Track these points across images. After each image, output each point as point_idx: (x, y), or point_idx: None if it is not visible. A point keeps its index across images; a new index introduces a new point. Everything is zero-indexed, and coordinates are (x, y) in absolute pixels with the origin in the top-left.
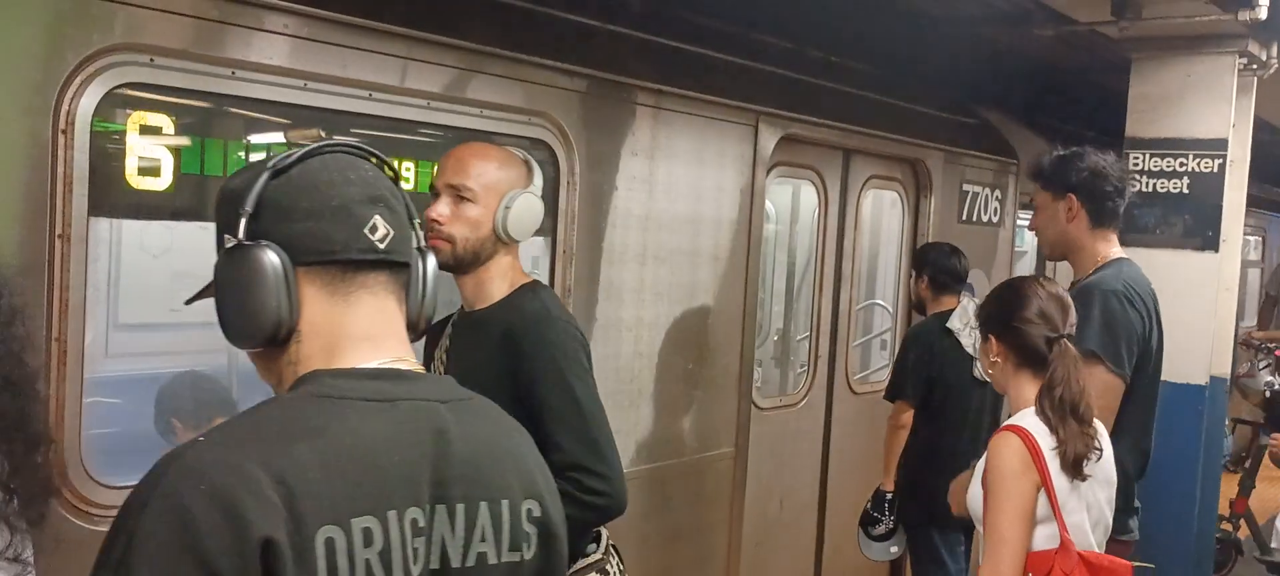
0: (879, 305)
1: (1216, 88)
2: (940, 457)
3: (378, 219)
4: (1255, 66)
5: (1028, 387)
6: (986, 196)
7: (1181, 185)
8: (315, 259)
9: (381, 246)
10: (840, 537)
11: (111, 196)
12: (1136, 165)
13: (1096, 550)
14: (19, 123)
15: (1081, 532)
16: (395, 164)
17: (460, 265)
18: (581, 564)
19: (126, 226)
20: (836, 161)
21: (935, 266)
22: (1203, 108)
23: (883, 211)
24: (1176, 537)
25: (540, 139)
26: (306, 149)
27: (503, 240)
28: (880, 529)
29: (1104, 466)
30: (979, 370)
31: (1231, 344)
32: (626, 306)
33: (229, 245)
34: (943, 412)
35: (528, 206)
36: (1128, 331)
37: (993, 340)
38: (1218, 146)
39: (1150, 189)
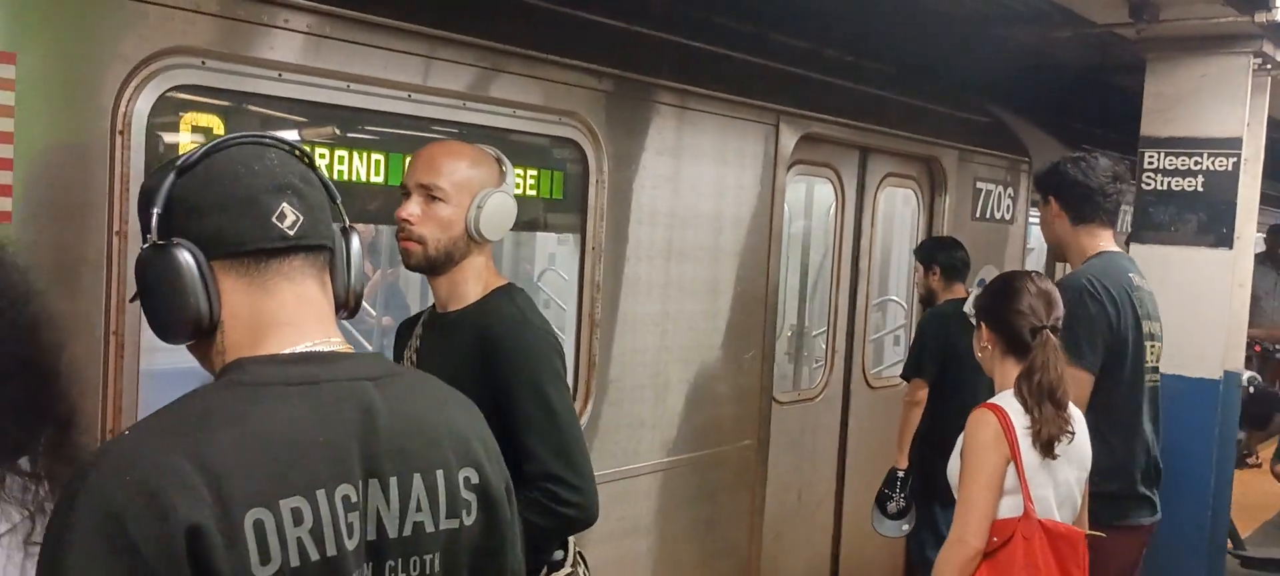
0: (893, 301)
1: (1231, 87)
2: (948, 437)
3: (285, 206)
4: (1270, 66)
5: (1011, 372)
6: (999, 194)
7: (1196, 183)
8: (227, 252)
9: (291, 233)
10: (858, 530)
11: None
12: (1151, 164)
13: (1061, 516)
14: (80, 124)
15: (1046, 505)
16: (309, 149)
17: (432, 266)
18: (546, 574)
19: None
20: (853, 160)
21: (949, 256)
22: (1217, 107)
23: (896, 209)
24: (1191, 530)
25: (570, 138)
26: (212, 144)
27: (475, 240)
28: (892, 506)
29: (1076, 449)
30: None
31: (1245, 340)
32: (652, 301)
33: (144, 246)
34: (956, 394)
35: (500, 205)
36: (1087, 324)
37: (984, 328)
38: (1232, 145)
39: (1165, 187)
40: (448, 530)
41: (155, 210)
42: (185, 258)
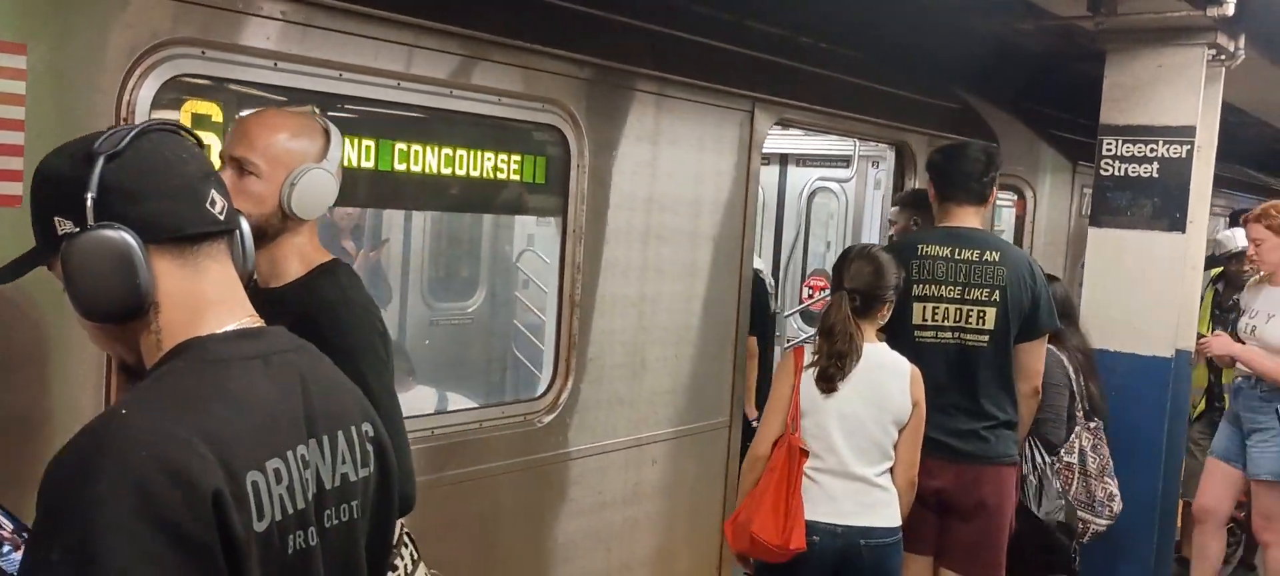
0: None
1: (1186, 78)
2: None
3: (214, 193)
4: (1224, 57)
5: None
6: None
7: (1152, 170)
8: (168, 236)
9: (221, 218)
10: None
11: None
12: (1109, 150)
13: (842, 447)
14: (87, 112)
15: (822, 430)
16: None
17: None
18: None
19: None
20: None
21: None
22: (1173, 96)
23: (867, 191)
24: (1142, 504)
25: (552, 124)
26: (131, 130)
27: (290, 217)
28: None
29: (870, 391)
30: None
31: (1196, 320)
32: (631, 283)
33: (71, 230)
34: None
35: (315, 183)
36: None
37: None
38: (1186, 133)
39: (1122, 173)
40: (362, 478)
41: (90, 194)
42: (127, 240)
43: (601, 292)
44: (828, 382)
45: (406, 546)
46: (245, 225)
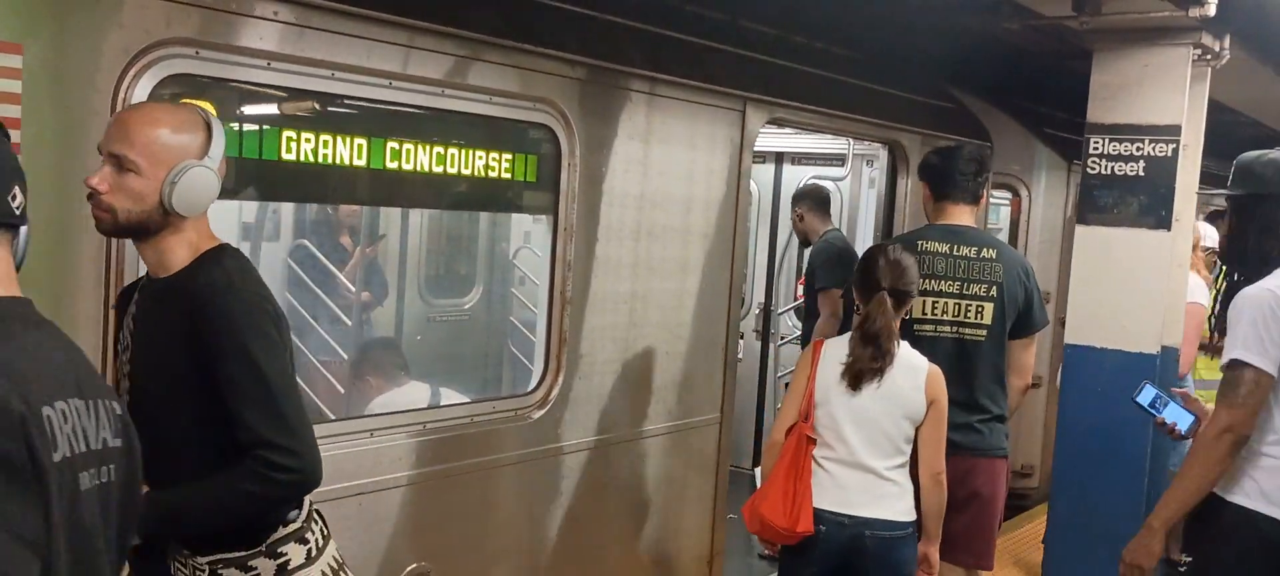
0: None
1: (1171, 77)
2: None
3: (17, 188)
4: (1209, 57)
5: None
6: None
7: (1138, 168)
8: None
9: (18, 213)
10: None
11: None
12: (1096, 149)
13: (852, 438)
14: (82, 111)
15: (834, 421)
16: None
17: (126, 234)
18: (282, 532)
19: None
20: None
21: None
22: (1158, 96)
23: (861, 189)
24: (1127, 499)
25: (544, 123)
26: None
27: (172, 214)
28: None
29: (887, 391)
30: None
31: (1182, 317)
32: (622, 281)
33: None
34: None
35: (196, 181)
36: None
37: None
38: (1172, 132)
39: (1109, 172)
40: (116, 448)
41: None
42: None
43: (593, 289)
44: (858, 382)
45: (316, 523)
46: (25, 231)
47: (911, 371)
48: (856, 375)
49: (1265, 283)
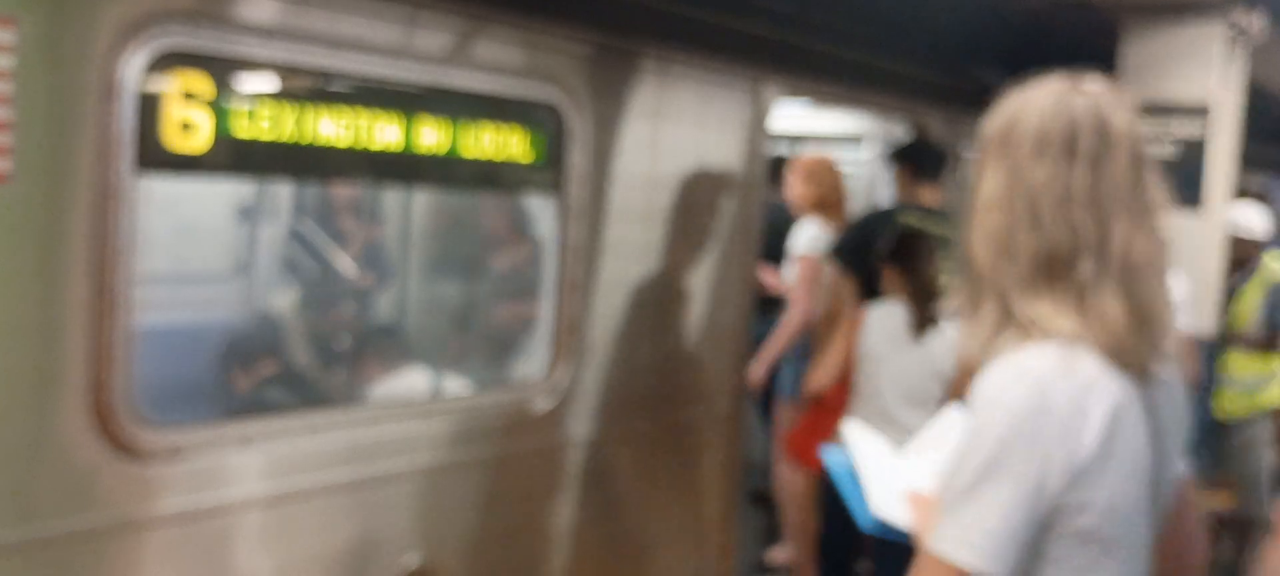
0: None
1: (1203, 55)
2: None
3: None
4: (1242, 34)
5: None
6: None
7: (1168, 148)
8: None
9: None
10: None
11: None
12: None
13: (887, 392)
14: (75, 86)
15: (872, 377)
16: None
17: None
18: None
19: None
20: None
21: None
22: (1189, 74)
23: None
24: None
25: (550, 102)
26: None
27: None
28: None
29: (928, 349)
30: None
31: (1215, 302)
32: (631, 263)
33: None
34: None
35: None
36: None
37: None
38: (1203, 111)
39: None
40: None
41: None
42: None
43: (601, 273)
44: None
45: None
46: None
47: (944, 333)
48: (923, 322)
49: None
